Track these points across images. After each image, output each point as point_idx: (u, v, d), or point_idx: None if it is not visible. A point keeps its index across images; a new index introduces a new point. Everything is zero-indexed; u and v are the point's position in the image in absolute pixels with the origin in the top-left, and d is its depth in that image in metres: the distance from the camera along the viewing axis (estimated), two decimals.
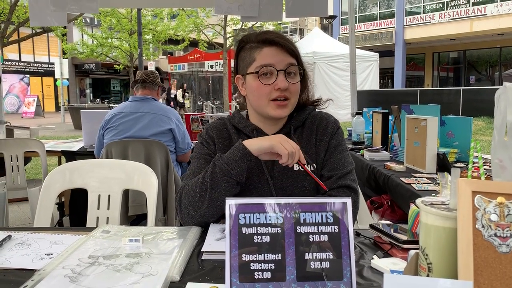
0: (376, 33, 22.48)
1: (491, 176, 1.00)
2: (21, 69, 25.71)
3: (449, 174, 0.79)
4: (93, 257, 0.96)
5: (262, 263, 0.71)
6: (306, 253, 0.72)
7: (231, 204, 0.73)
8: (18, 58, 25.39)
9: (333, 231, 0.73)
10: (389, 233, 1.04)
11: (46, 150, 3.22)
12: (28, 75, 26.05)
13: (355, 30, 4.32)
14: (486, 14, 19.05)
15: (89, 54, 18.89)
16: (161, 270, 0.88)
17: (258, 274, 0.71)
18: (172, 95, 16.19)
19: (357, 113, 3.17)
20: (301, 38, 23.98)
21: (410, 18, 21.62)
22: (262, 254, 0.71)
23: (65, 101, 21.89)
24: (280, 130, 1.29)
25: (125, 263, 0.93)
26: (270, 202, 0.73)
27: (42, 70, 26.61)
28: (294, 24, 32.23)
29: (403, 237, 1.01)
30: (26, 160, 3.37)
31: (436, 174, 2.00)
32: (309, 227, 0.73)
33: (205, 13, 17.18)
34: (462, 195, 0.65)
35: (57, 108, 24.75)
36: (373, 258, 0.96)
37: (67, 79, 20.00)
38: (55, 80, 20.04)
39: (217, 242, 1.04)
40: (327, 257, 0.72)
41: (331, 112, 1.38)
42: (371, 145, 2.99)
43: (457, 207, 0.65)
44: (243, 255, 0.71)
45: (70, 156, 3.26)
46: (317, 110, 1.37)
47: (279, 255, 0.71)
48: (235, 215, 0.72)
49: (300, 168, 1.23)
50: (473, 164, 1.15)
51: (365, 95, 12.97)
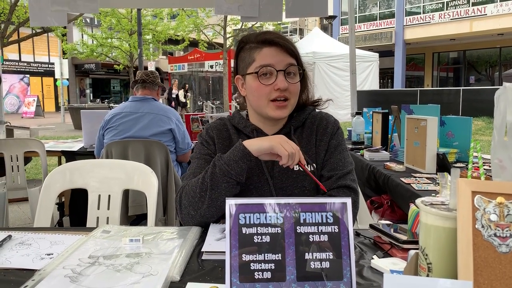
0: (376, 33, 22.48)
1: (491, 176, 1.00)
2: (21, 69, 25.71)
3: (449, 174, 0.79)
4: (94, 257, 0.96)
5: (262, 263, 0.71)
6: (306, 253, 0.72)
7: (231, 204, 0.73)
8: (18, 58, 25.39)
9: (333, 231, 0.73)
10: (389, 233, 1.05)
11: (46, 150, 3.22)
12: (28, 75, 26.05)
13: (355, 30, 4.32)
14: (486, 14, 19.06)
15: (89, 54, 18.90)
16: (161, 270, 0.88)
17: (258, 274, 0.71)
18: (174, 95, 16.19)
19: (357, 113, 3.18)
20: (301, 38, 23.99)
21: (410, 18, 21.62)
22: (262, 254, 0.71)
23: (65, 101, 21.88)
24: (280, 130, 1.29)
25: (125, 263, 0.93)
26: (270, 202, 0.74)
27: (42, 70, 26.62)
28: (294, 24, 32.21)
29: (403, 237, 1.01)
30: (26, 160, 3.37)
31: (436, 174, 2.00)
32: (309, 227, 0.73)
33: (205, 13, 17.18)
34: (462, 195, 0.65)
35: (57, 108, 24.76)
36: (373, 258, 0.96)
37: (67, 79, 19.99)
38: (55, 80, 20.03)
39: (217, 242, 1.04)
40: (327, 257, 0.72)
41: (331, 112, 1.38)
42: (371, 145, 3.00)
43: (457, 207, 0.65)
44: (243, 255, 0.71)
45: (70, 156, 3.26)
46: (317, 110, 1.37)
47: (279, 255, 0.72)
48: (235, 215, 0.72)
49: (300, 169, 1.23)
50: (473, 164, 1.15)
51: (365, 95, 12.97)
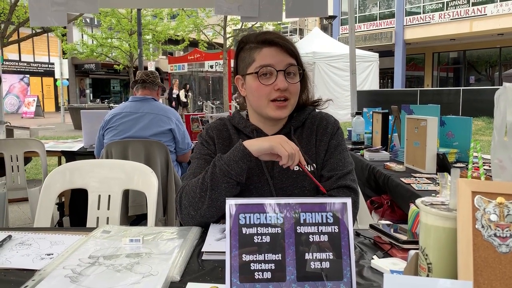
0: (376, 33, 22.48)
1: (491, 176, 1.00)
2: (21, 69, 25.71)
3: (449, 174, 0.79)
4: (94, 257, 0.96)
5: (262, 263, 0.71)
6: (306, 253, 0.72)
7: (231, 204, 0.73)
8: (18, 58, 25.39)
9: (333, 231, 0.73)
10: (389, 233, 1.05)
11: (46, 150, 3.22)
12: (28, 75, 26.05)
13: (355, 30, 4.33)
14: (486, 14, 19.06)
15: (89, 54, 18.89)
16: (162, 270, 0.88)
17: (258, 274, 0.71)
18: (174, 95, 16.19)
19: (357, 113, 3.18)
20: (301, 38, 23.99)
21: (410, 18, 21.62)
22: (262, 254, 0.71)
23: (65, 101, 21.89)
24: (280, 131, 1.29)
25: (126, 263, 0.93)
26: (270, 202, 0.74)
27: (42, 70, 26.62)
28: (294, 24, 32.20)
29: (403, 237, 1.01)
30: (26, 160, 3.37)
31: (436, 174, 2.00)
32: (309, 227, 0.73)
33: (205, 13, 17.18)
34: (462, 195, 0.65)
35: (57, 108, 24.77)
36: (373, 258, 0.96)
37: (67, 79, 19.99)
38: (55, 80, 20.03)
39: (217, 242, 1.04)
40: (327, 257, 0.72)
41: (331, 112, 1.38)
42: (371, 145, 3.00)
43: (457, 207, 0.65)
44: (243, 255, 0.71)
45: (70, 156, 3.26)
46: (317, 110, 1.37)
47: (279, 255, 0.72)
48: (235, 215, 0.73)
49: (300, 169, 1.23)
50: (473, 164, 1.15)
51: (365, 95, 12.98)
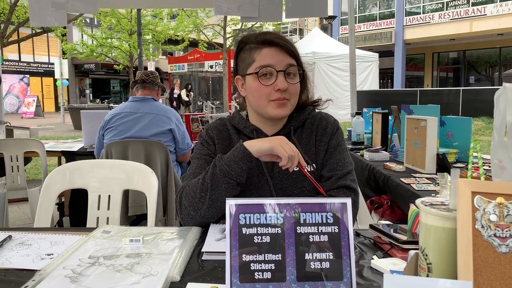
0: (376, 33, 22.49)
1: (491, 177, 1.00)
2: (21, 69, 25.70)
3: (449, 175, 0.79)
4: (94, 258, 0.96)
5: (262, 263, 0.71)
6: (306, 253, 0.72)
7: (231, 204, 0.73)
8: (18, 58, 25.39)
9: (333, 231, 0.73)
10: (389, 233, 1.05)
11: (46, 151, 3.22)
12: (28, 75, 26.04)
13: (355, 30, 4.33)
14: (486, 14, 19.07)
15: (89, 54, 18.89)
16: (162, 271, 0.89)
17: (258, 274, 0.71)
18: (176, 95, 16.18)
19: (357, 113, 3.18)
20: (301, 38, 24.00)
21: (410, 18, 21.63)
22: (262, 254, 0.71)
23: (65, 101, 21.89)
24: (280, 131, 1.29)
25: (126, 264, 0.93)
26: (270, 203, 0.74)
27: (42, 70, 26.61)
28: (294, 24, 32.20)
29: (403, 237, 1.01)
30: (26, 161, 3.37)
31: (436, 175, 2.00)
32: (309, 227, 0.73)
33: (205, 13, 17.18)
34: (462, 196, 0.65)
35: (57, 108, 24.77)
36: (373, 258, 0.96)
37: (67, 79, 19.97)
38: (55, 80, 20.02)
39: (217, 242, 1.04)
40: (327, 257, 0.72)
41: (331, 112, 1.38)
42: (371, 145, 3.00)
43: (457, 208, 0.66)
44: (243, 255, 0.71)
45: (70, 157, 3.26)
46: (317, 111, 1.37)
47: (279, 255, 0.72)
48: (235, 215, 0.73)
49: (300, 169, 1.23)
50: (473, 165, 1.16)
51: (365, 95, 12.98)
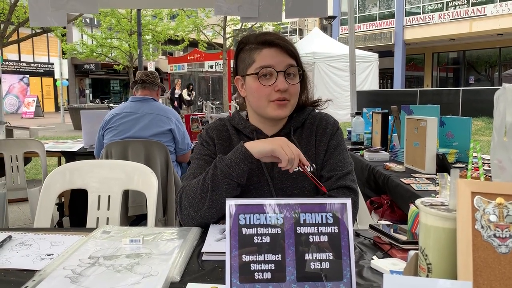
0: (376, 34, 22.48)
1: (491, 177, 1.00)
2: (21, 70, 25.70)
3: (449, 175, 0.79)
4: (94, 258, 0.96)
5: (262, 264, 0.71)
6: (306, 254, 0.72)
7: (231, 205, 0.73)
8: (18, 59, 25.38)
9: (333, 232, 0.73)
10: (389, 234, 1.05)
11: (46, 151, 3.22)
12: (28, 76, 26.03)
13: (355, 31, 4.33)
14: (486, 15, 19.07)
15: (89, 55, 18.88)
16: (162, 271, 0.89)
17: (258, 275, 0.71)
18: (177, 95, 16.17)
19: (357, 114, 3.18)
20: (301, 39, 23.99)
21: (410, 19, 21.63)
22: (262, 255, 0.71)
23: (65, 102, 21.89)
24: (280, 131, 1.29)
25: (126, 264, 0.93)
26: (270, 203, 0.74)
27: (42, 71, 26.61)
28: (294, 25, 32.18)
29: (403, 238, 1.01)
30: (26, 161, 3.37)
31: (436, 175, 2.00)
32: (309, 228, 0.73)
33: (205, 14, 17.18)
34: (462, 196, 0.66)
35: (57, 109, 24.77)
36: (373, 259, 0.96)
37: (67, 80, 19.98)
38: (55, 81, 20.02)
39: (217, 243, 1.04)
40: (327, 258, 0.72)
41: (331, 113, 1.38)
42: (371, 146, 3.00)
43: (457, 208, 0.66)
44: (243, 256, 0.71)
45: (70, 157, 3.26)
46: (317, 111, 1.37)
47: (279, 256, 0.72)
48: (235, 216, 0.73)
49: (300, 169, 1.23)
50: (473, 165, 1.16)
51: (365, 96, 12.98)
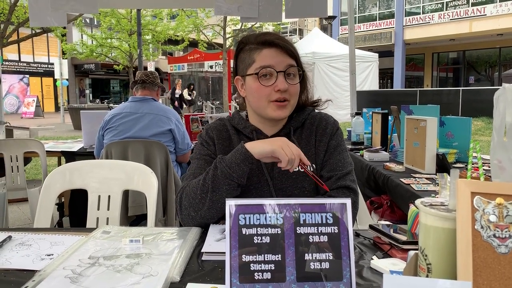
0: (376, 34, 22.48)
1: (490, 177, 1.00)
2: (21, 70, 25.69)
3: (448, 175, 0.79)
4: (94, 258, 0.96)
5: (262, 264, 0.71)
6: (306, 254, 0.72)
7: (231, 205, 0.73)
8: (18, 59, 25.37)
9: (333, 232, 0.73)
10: (389, 234, 1.05)
11: (46, 151, 3.22)
12: (28, 76, 26.03)
13: (355, 31, 4.33)
14: (486, 15, 19.07)
15: (89, 55, 18.88)
16: (161, 271, 0.89)
17: (258, 275, 0.71)
18: (177, 95, 16.16)
19: (357, 114, 3.18)
20: (301, 39, 23.99)
21: (410, 19, 21.63)
22: (262, 255, 0.71)
23: (65, 102, 21.89)
24: (280, 131, 1.29)
25: (126, 264, 0.93)
26: (270, 203, 0.74)
27: (42, 71, 26.60)
28: (294, 25, 32.17)
29: (403, 238, 1.01)
30: (26, 161, 3.37)
31: (436, 175, 2.00)
32: (309, 228, 0.73)
33: (205, 14, 17.18)
34: (461, 196, 0.66)
35: (57, 109, 24.77)
36: (373, 259, 0.96)
37: (67, 80, 19.97)
38: (55, 81, 20.02)
39: (217, 243, 1.04)
40: (327, 258, 0.72)
41: (331, 113, 1.38)
42: (371, 146, 3.00)
43: (456, 208, 0.66)
44: (243, 256, 0.71)
45: (70, 157, 3.27)
46: (317, 111, 1.37)
47: (279, 256, 0.72)
48: (235, 216, 0.73)
49: (300, 169, 1.23)
50: (472, 165, 1.16)
51: (365, 96, 12.98)
